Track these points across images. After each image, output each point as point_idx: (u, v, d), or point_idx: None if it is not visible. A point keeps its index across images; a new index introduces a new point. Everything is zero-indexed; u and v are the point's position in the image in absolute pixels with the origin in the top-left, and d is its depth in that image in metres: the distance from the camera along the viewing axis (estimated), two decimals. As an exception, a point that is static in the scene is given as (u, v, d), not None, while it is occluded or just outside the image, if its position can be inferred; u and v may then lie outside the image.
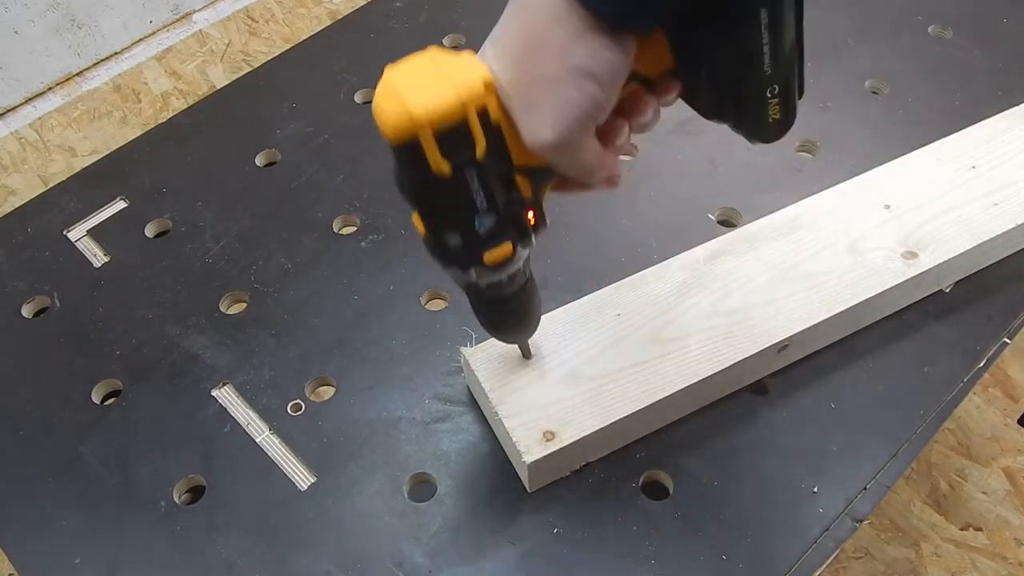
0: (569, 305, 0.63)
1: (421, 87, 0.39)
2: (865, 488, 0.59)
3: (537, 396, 0.58)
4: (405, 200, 0.44)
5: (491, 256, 0.45)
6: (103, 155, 0.85)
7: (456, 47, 0.92)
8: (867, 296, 0.62)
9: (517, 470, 0.59)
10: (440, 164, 0.41)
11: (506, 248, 0.45)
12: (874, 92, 0.83)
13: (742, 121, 0.46)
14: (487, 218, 0.44)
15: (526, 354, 0.60)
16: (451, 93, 0.39)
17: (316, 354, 0.68)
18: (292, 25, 1.45)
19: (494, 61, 0.41)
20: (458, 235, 0.44)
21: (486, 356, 0.60)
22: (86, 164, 0.84)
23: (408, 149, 0.40)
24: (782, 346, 0.61)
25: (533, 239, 0.47)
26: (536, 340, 0.60)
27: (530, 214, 0.46)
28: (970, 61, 0.85)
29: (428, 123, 0.39)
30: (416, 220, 0.45)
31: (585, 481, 0.60)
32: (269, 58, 0.93)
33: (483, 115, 0.41)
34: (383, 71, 0.40)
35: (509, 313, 0.53)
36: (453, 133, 0.40)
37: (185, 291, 0.73)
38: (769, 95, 0.45)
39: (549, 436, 0.56)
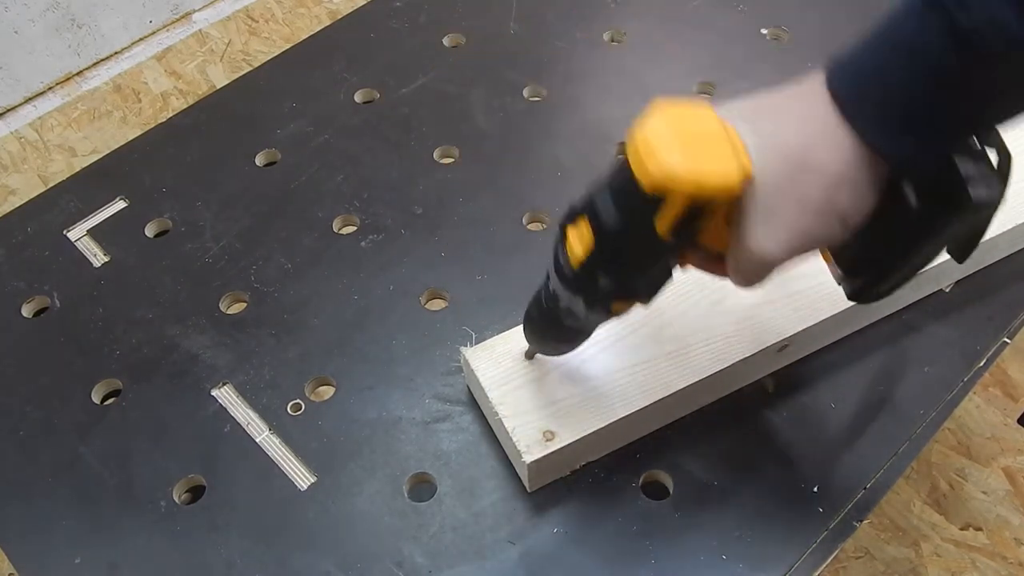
0: (569, 305, 0.63)
1: (704, 152, 0.38)
2: (865, 488, 0.59)
3: (537, 396, 0.58)
4: (585, 219, 0.43)
5: (618, 308, 0.46)
6: (103, 155, 0.85)
7: (456, 46, 0.92)
8: (867, 296, 0.62)
9: (517, 470, 0.59)
10: (665, 231, 0.40)
11: (631, 304, 0.46)
12: (874, 92, 0.83)
13: (862, 283, 0.47)
14: (645, 283, 0.44)
15: (526, 354, 0.60)
16: (726, 178, 0.38)
17: (316, 354, 0.68)
18: (292, 25, 1.45)
19: (753, 151, 0.40)
20: (612, 283, 0.44)
21: (486, 356, 0.60)
22: (86, 164, 0.84)
23: (651, 201, 0.39)
24: (782, 346, 0.61)
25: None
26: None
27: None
28: (970, 61, 0.85)
29: (690, 191, 0.38)
30: (578, 240, 0.44)
31: (585, 481, 0.60)
32: (269, 58, 0.93)
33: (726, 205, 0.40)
34: (653, 106, 0.39)
35: (567, 335, 0.53)
36: (699, 209, 0.39)
37: (185, 291, 0.73)
38: (905, 280, 0.46)
39: (549, 436, 0.56)
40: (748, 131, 0.40)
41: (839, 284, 0.48)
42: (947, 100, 0.37)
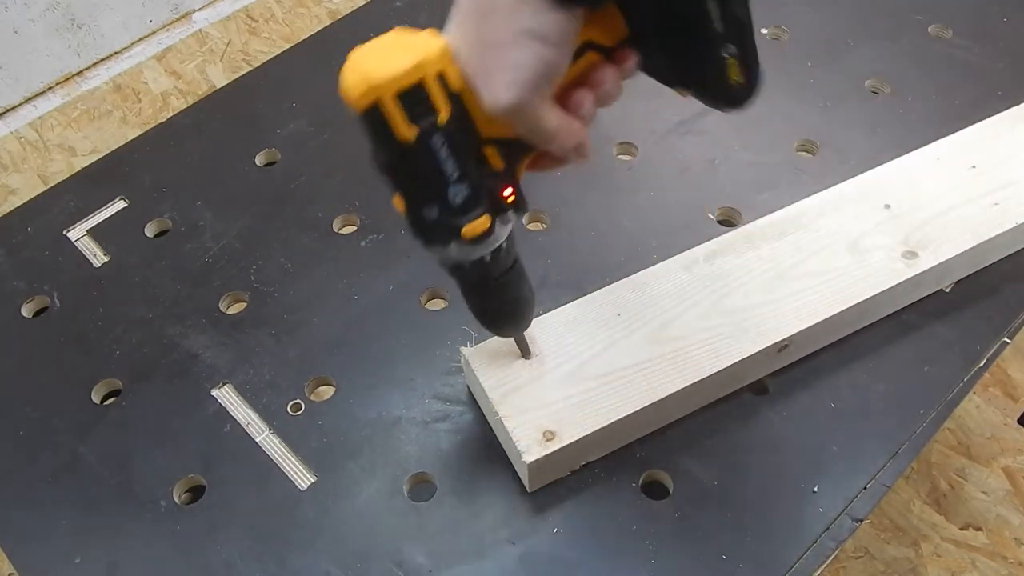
0: (569, 305, 0.63)
1: (381, 58, 0.41)
2: (865, 488, 0.59)
3: (537, 396, 0.58)
4: (381, 178, 0.45)
5: (469, 229, 0.46)
6: (103, 155, 0.85)
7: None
8: (867, 296, 0.62)
9: (517, 470, 0.59)
10: (405, 130, 0.42)
11: (484, 221, 0.46)
12: (874, 92, 0.83)
13: (705, 86, 0.47)
14: (460, 188, 0.45)
15: (525, 353, 0.60)
16: (408, 58, 0.41)
17: (316, 354, 0.68)
18: (292, 25, 1.45)
19: (453, 32, 0.43)
20: (435, 207, 0.45)
21: (486, 356, 0.60)
22: (86, 164, 0.84)
23: (373, 117, 0.42)
24: (782, 346, 0.61)
25: (512, 215, 0.48)
26: (536, 340, 0.61)
27: (507, 191, 0.47)
28: (970, 61, 0.85)
29: (387, 86, 0.41)
30: (396, 200, 0.46)
31: (585, 481, 0.60)
32: (269, 58, 0.93)
33: (442, 81, 0.42)
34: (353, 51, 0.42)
35: (499, 300, 0.54)
36: (414, 96, 0.41)
37: (185, 291, 0.73)
38: (725, 55, 0.45)
39: (549, 436, 0.56)
40: (450, 18, 0.43)
41: (717, 107, 0.48)
42: None
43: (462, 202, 0.45)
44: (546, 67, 0.42)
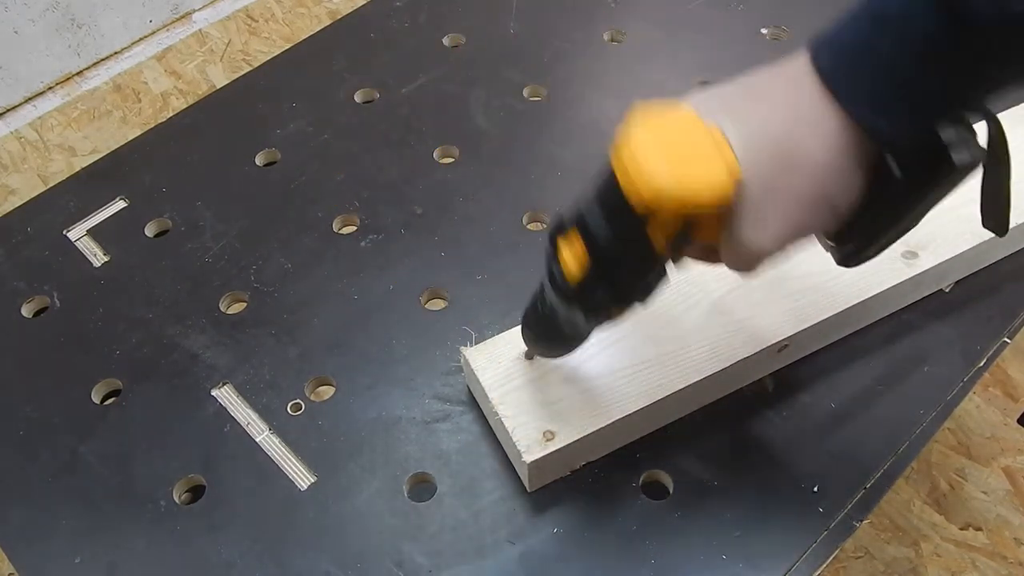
0: (569, 305, 0.63)
1: (691, 161, 0.38)
2: (865, 488, 0.59)
3: (537, 396, 0.58)
4: (578, 236, 0.43)
5: (617, 312, 0.46)
6: (103, 155, 0.85)
7: (456, 46, 0.92)
8: (867, 296, 0.62)
9: (517, 470, 0.59)
10: (660, 244, 0.40)
11: (626, 309, 0.46)
12: (874, 92, 0.83)
13: (851, 248, 0.46)
14: (640, 289, 0.44)
15: (526, 354, 0.60)
16: (717, 189, 0.38)
17: (316, 354, 0.68)
18: (292, 25, 1.45)
19: (740, 151, 0.39)
20: (609, 296, 0.44)
21: (486, 356, 0.60)
22: (86, 164, 0.84)
23: (644, 216, 0.39)
24: (782, 346, 0.61)
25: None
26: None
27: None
28: (970, 61, 0.85)
29: (684, 210, 0.38)
30: (572, 258, 0.43)
31: (585, 481, 0.60)
32: (269, 58, 0.93)
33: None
34: (634, 115, 0.39)
35: (566, 340, 0.54)
36: (692, 220, 0.40)
37: (185, 291, 0.73)
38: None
39: (549, 436, 0.56)
40: (731, 124, 0.40)
41: (827, 251, 0.48)
42: (936, 74, 0.36)
43: (631, 296, 0.45)
44: (816, 231, 0.41)
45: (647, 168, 0.38)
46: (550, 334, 0.53)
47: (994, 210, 0.47)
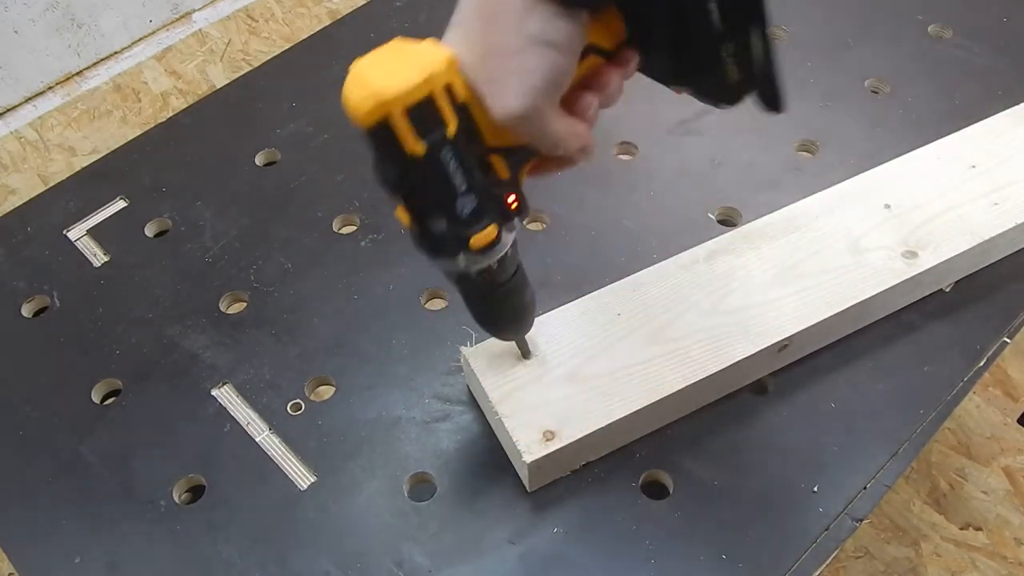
0: (569, 305, 0.63)
1: (387, 71, 0.40)
2: (865, 488, 0.59)
3: (537, 396, 0.58)
4: (386, 191, 0.45)
5: (477, 240, 0.46)
6: (103, 155, 0.85)
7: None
8: (867, 296, 0.62)
9: (517, 470, 0.59)
10: (414, 145, 0.41)
11: (491, 231, 0.46)
12: (874, 92, 0.83)
13: (702, 85, 0.47)
14: (468, 200, 0.44)
15: (525, 354, 0.60)
16: (415, 72, 0.40)
17: (316, 354, 0.68)
18: (292, 25, 1.45)
19: (456, 41, 0.42)
20: (442, 220, 0.45)
21: (486, 356, 0.60)
22: (86, 164, 0.84)
23: (381, 133, 0.41)
24: (782, 346, 0.61)
25: (517, 222, 0.48)
26: (536, 340, 0.60)
27: (511, 197, 0.47)
28: (970, 61, 0.85)
29: (396, 101, 0.40)
30: (400, 212, 0.46)
31: (585, 481, 0.60)
32: (269, 58, 0.93)
33: (450, 93, 0.41)
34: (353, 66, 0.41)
35: (502, 305, 0.54)
36: (423, 111, 0.41)
37: (185, 291, 0.73)
38: (724, 54, 0.44)
39: (549, 436, 0.56)
40: (451, 27, 0.43)
41: (720, 106, 0.48)
42: None
43: (470, 214, 0.45)
44: (555, 73, 0.42)
45: (350, 96, 0.41)
46: (488, 302, 0.53)
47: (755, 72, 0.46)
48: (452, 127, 0.42)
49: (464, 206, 0.44)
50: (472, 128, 0.43)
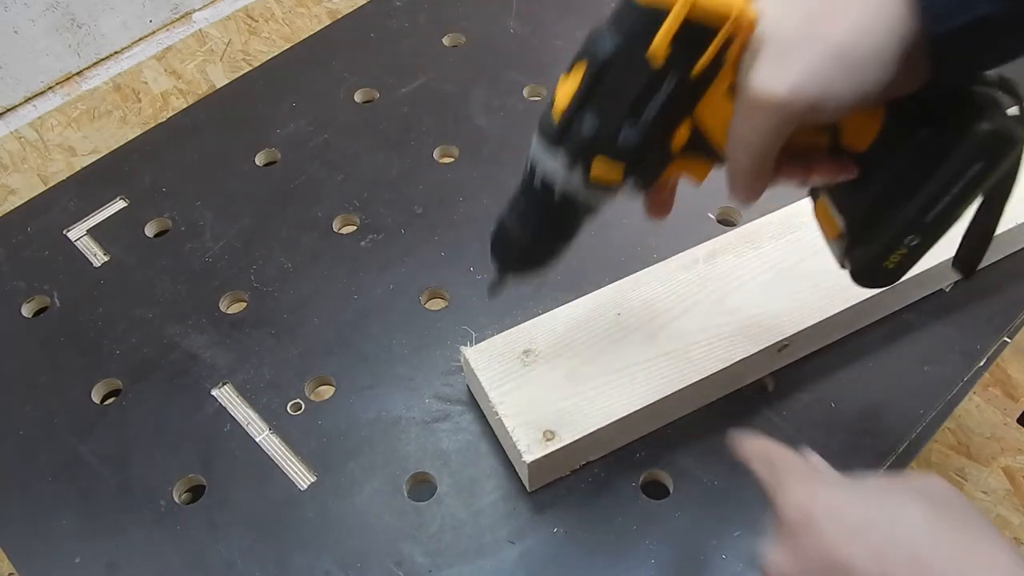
0: (569, 305, 0.63)
1: None
2: (865, 488, 0.59)
3: (537, 396, 0.58)
4: (581, 55, 0.41)
5: (600, 168, 0.41)
6: (103, 155, 0.85)
7: (456, 46, 0.92)
8: (867, 296, 0.62)
9: (517, 470, 0.59)
10: (660, 50, 0.38)
11: (617, 174, 0.42)
12: (874, 92, 0.83)
13: (859, 252, 0.45)
14: (635, 134, 0.40)
15: (492, 289, 0.55)
16: (724, 3, 0.37)
17: (316, 354, 0.68)
18: (292, 24, 1.45)
19: (775, 3, 0.38)
20: (595, 126, 0.40)
21: (486, 356, 0.60)
22: (86, 164, 0.84)
23: (645, 16, 0.38)
24: (782, 346, 0.61)
25: (625, 191, 0.44)
26: (536, 340, 0.61)
27: (653, 171, 0.43)
28: (970, 61, 0.85)
29: (691, 4, 0.37)
30: (564, 89, 0.41)
31: (585, 481, 0.60)
32: (269, 58, 0.93)
33: (727, 43, 0.38)
34: None
35: (545, 240, 0.49)
36: (698, 33, 0.38)
37: (185, 291, 0.73)
38: (904, 243, 0.44)
39: (549, 436, 0.56)
40: None
41: (842, 266, 0.46)
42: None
43: (622, 143, 0.40)
44: (835, 102, 0.37)
45: None
46: (527, 222, 0.48)
47: (973, 245, 0.46)
48: (700, 66, 0.38)
49: (628, 135, 0.40)
50: (701, 87, 0.40)
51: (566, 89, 0.42)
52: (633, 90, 0.40)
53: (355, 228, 0.76)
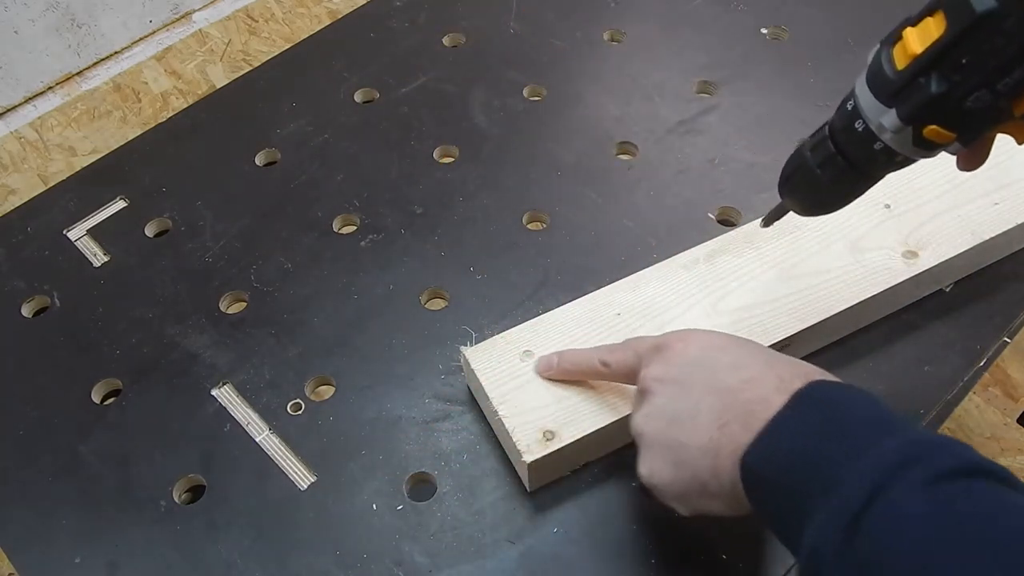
0: (569, 305, 0.63)
1: None
2: (865, 488, 0.59)
3: (537, 396, 0.58)
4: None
5: (934, 130, 0.40)
6: (103, 155, 0.86)
7: (456, 46, 0.92)
8: (867, 296, 0.62)
9: (517, 470, 0.59)
10: None
11: (950, 135, 0.40)
12: (874, 92, 0.83)
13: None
14: (987, 98, 0.38)
15: (768, 220, 0.55)
16: None
17: (316, 354, 0.68)
18: (292, 25, 1.45)
19: None
20: (945, 90, 0.38)
21: (486, 356, 0.60)
22: (86, 164, 0.84)
23: None
24: (782, 346, 0.61)
25: (956, 147, 0.42)
26: (536, 340, 0.61)
27: (989, 130, 0.42)
28: (970, 61, 0.85)
29: None
30: (914, 39, 0.39)
31: (585, 481, 0.60)
32: (269, 58, 0.93)
33: None
34: None
35: (844, 183, 0.48)
36: None
37: (185, 291, 0.73)
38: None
39: (549, 436, 0.56)
40: None
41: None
42: None
43: (970, 104, 0.38)
44: None
45: None
46: (833, 167, 0.47)
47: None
48: None
49: (980, 98, 0.38)
50: None
51: (917, 38, 0.39)
52: (1004, 54, 0.37)
53: (355, 228, 0.76)
